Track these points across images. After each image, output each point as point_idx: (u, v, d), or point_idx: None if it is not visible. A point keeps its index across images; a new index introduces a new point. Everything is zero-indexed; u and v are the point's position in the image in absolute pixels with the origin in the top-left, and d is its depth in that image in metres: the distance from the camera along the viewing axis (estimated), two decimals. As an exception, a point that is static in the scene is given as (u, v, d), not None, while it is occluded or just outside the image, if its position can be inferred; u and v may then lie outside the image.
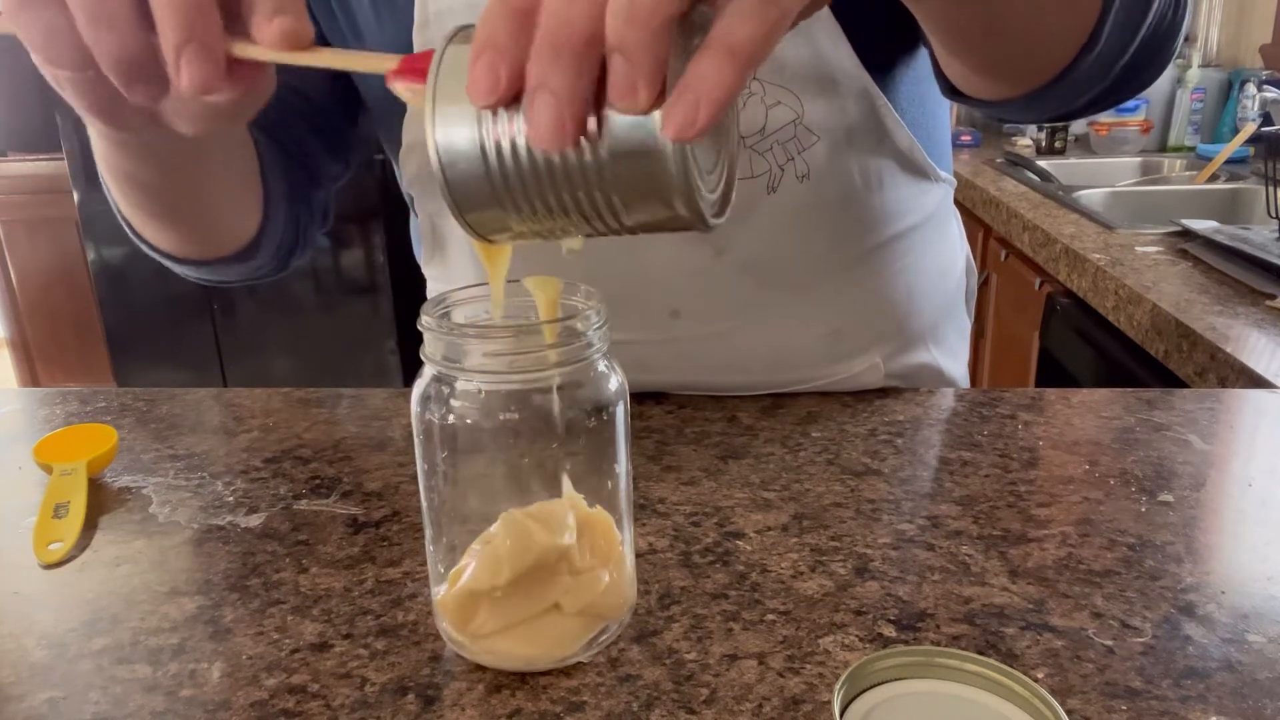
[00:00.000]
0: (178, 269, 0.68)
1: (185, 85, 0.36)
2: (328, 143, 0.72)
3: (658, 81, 0.29)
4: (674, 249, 0.67)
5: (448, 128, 0.32)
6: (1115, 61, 0.53)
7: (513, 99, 0.31)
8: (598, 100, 0.30)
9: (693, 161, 0.31)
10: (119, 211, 0.64)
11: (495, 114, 0.32)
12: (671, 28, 0.29)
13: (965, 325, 0.84)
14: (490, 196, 0.33)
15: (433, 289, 0.81)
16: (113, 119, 0.41)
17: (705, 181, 0.33)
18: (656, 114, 0.29)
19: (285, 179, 0.68)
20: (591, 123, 0.30)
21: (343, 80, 0.70)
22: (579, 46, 0.29)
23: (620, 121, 0.30)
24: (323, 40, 0.68)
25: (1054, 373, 1.57)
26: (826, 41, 0.63)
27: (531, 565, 0.43)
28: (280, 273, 0.74)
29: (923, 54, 0.68)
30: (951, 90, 0.60)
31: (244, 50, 0.37)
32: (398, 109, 0.67)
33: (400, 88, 0.35)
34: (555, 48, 0.29)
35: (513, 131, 0.31)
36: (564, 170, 0.31)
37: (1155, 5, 0.52)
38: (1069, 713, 0.39)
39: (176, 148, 0.53)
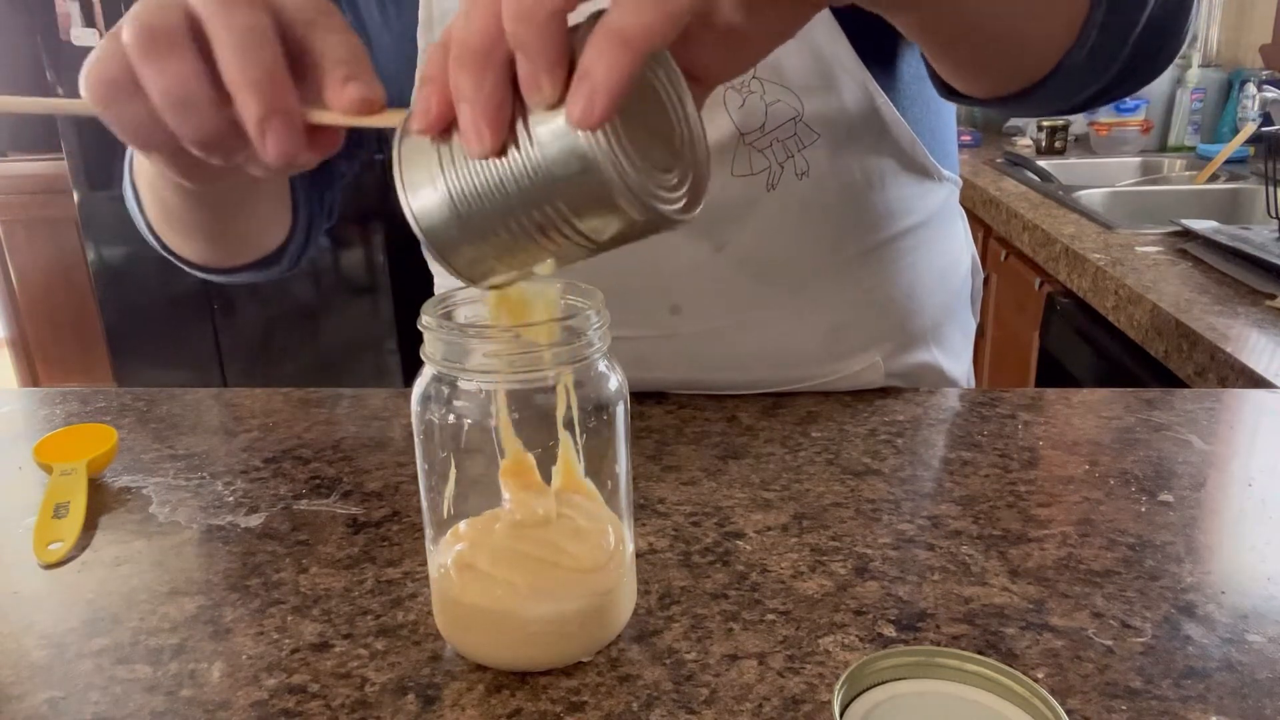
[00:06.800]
0: (198, 274, 0.69)
1: (271, 156, 0.37)
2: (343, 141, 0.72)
3: (559, 72, 0.30)
4: (674, 244, 0.67)
5: (413, 177, 0.34)
6: (1113, 56, 0.53)
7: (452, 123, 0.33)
8: (525, 111, 0.31)
9: (623, 155, 0.31)
10: (145, 222, 0.64)
11: (449, 149, 0.33)
12: (562, 20, 0.30)
13: (970, 325, 0.84)
14: (462, 235, 0.34)
15: (440, 285, 0.81)
16: (192, 176, 0.43)
17: (657, 179, 0.33)
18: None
19: (305, 184, 0.68)
20: (521, 132, 0.31)
21: None
22: (480, 52, 0.31)
23: (542, 124, 0.31)
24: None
25: (1054, 373, 1.57)
26: (825, 39, 0.63)
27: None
28: (290, 270, 0.74)
29: None
30: (947, 90, 0.60)
31: (320, 117, 0.38)
32: (403, 105, 0.67)
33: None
34: (460, 59, 0.31)
35: (463, 161, 0.33)
36: (516, 188, 0.32)
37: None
38: (1069, 713, 0.39)
39: (234, 187, 0.55)
